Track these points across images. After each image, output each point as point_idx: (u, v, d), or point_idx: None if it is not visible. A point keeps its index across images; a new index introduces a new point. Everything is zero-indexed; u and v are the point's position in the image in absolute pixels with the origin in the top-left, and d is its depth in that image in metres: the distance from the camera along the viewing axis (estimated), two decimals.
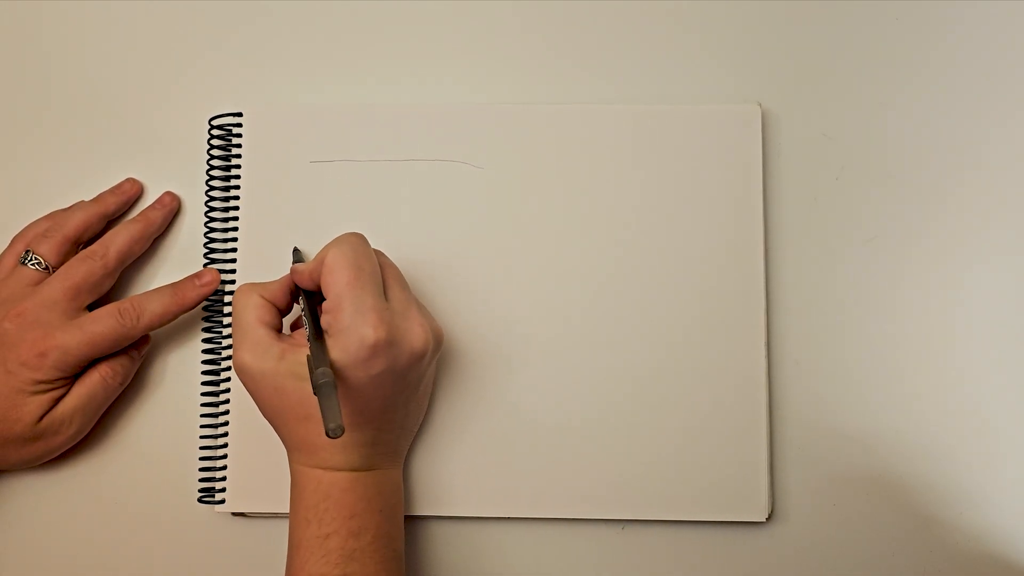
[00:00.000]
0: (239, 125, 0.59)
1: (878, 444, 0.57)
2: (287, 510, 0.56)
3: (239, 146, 0.59)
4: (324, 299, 0.50)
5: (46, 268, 0.56)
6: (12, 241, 0.58)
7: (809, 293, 0.58)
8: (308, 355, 0.48)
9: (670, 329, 0.57)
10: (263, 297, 0.51)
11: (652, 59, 0.60)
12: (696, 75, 0.60)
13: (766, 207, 0.58)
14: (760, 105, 0.58)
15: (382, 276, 0.51)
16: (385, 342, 0.48)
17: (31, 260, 0.56)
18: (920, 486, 0.57)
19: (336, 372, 0.47)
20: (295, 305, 0.53)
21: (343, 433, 0.44)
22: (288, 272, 0.53)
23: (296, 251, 0.57)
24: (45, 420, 0.53)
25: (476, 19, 0.61)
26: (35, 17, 0.62)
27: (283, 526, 0.57)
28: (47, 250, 0.56)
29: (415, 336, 0.49)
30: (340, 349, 0.48)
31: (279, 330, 0.51)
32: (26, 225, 0.58)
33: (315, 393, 0.46)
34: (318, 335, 0.49)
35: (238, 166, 0.59)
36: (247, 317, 0.50)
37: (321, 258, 0.50)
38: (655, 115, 0.58)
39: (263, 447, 0.56)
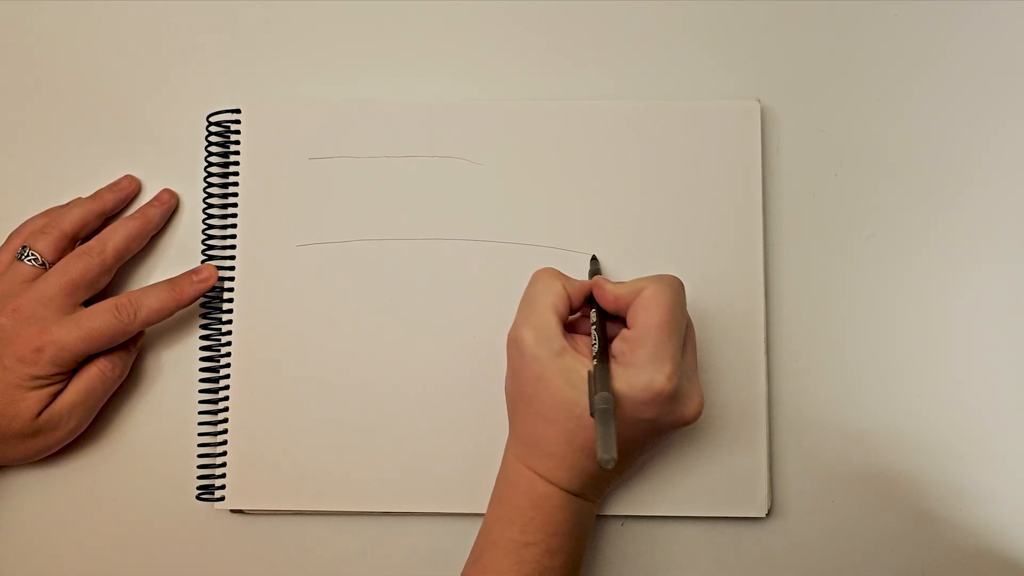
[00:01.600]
0: (237, 122, 0.59)
1: (877, 440, 0.57)
2: (286, 507, 0.56)
3: (237, 143, 0.59)
4: (615, 319, 0.50)
5: (43, 264, 0.56)
6: (9, 237, 0.57)
7: (808, 289, 0.58)
8: (590, 372, 0.47)
9: None
10: (565, 288, 0.50)
11: (651, 55, 0.60)
12: (695, 71, 0.60)
13: (765, 203, 0.58)
14: (759, 101, 0.58)
15: (685, 333, 0.50)
16: (668, 395, 0.47)
17: (28, 256, 0.56)
18: (919, 482, 0.57)
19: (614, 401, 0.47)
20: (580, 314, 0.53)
21: (614, 465, 0.43)
22: (590, 279, 0.52)
23: (594, 259, 0.56)
24: (44, 416, 0.53)
25: (475, 15, 0.61)
26: (32, 14, 0.62)
27: (283, 523, 0.57)
28: (44, 246, 0.56)
29: (692, 403, 0.49)
30: (625, 381, 0.47)
31: (565, 324, 0.50)
32: (23, 221, 0.58)
33: (592, 415, 0.45)
34: (604, 357, 0.48)
35: (236, 163, 0.59)
36: (543, 299, 0.50)
37: (638, 289, 0.49)
38: (654, 111, 0.58)
39: (263, 444, 0.56)
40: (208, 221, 0.59)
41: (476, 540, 0.51)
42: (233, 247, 0.58)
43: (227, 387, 0.57)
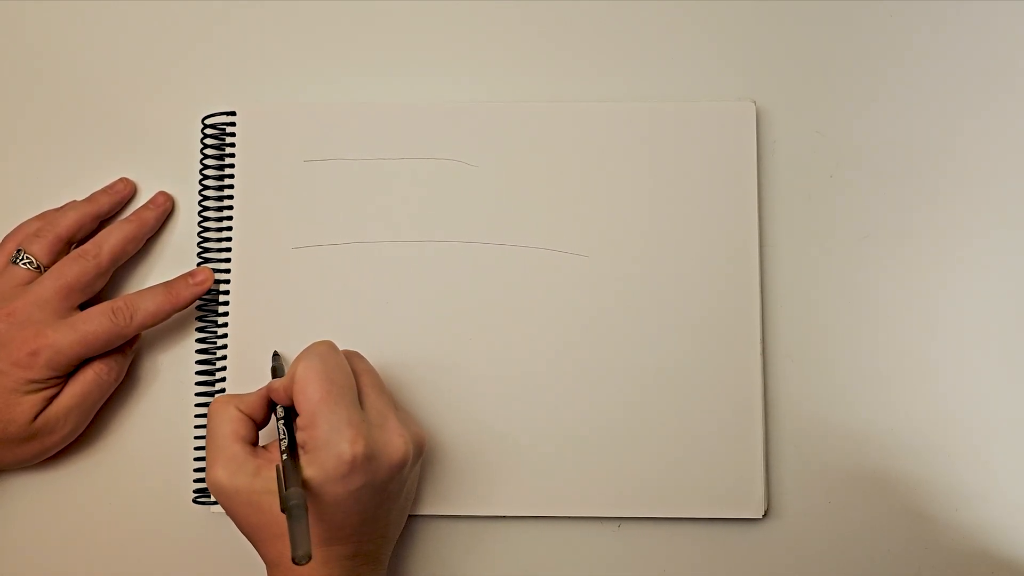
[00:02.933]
0: (232, 124, 0.59)
1: (873, 441, 0.57)
2: None
3: (232, 145, 0.59)
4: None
5: (38, 267, 0.55)
6: (3, 240, 0.57)
7: (803, 291, 0.58)
8: (277, 467, 0.47)
9: (665, 327, 0.57)
10: (240, 410, 0.50)
11: (646, 56, 0.60)
12: (690, 72, 0.60)
13: (760, 204, 0.58)
14: (754, 102, 0.58)
15: (357, 383, 0.50)
16: (363, 456, 0.46)
17: (22, 259, 0.55)
18: (915, 483, 0.57)
19: (312, 489, 0.46)
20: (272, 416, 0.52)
21: (309, 561, 0.43)
22: (266, 385, 0.51)
23: (276, 355, 0.56)
24: (40, 419, 0.53)
25: (470, 18, 0.61)
26: (26, 17, 0.62)
27: None
28: (39, 249, 0.56)
29: (394, 448, 0.48)
30: (317, 466, 0.46)
31: (255, 443, 0.50)
32: (18, 224, 0.58)
33: (283, 513, 0.44)
34: (293, 451, 0.48)
35: (231, 165, 0.58)
36: (222, 431, 0.49)
37: (291, 374, 0.49)
38: (649, 112, 0.58)
39: None
40: (204, 224, 0.58)
41: None
42: (229, 250, 0.58)
43: (223, 390, 0.57)
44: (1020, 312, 0.58)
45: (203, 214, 0.59)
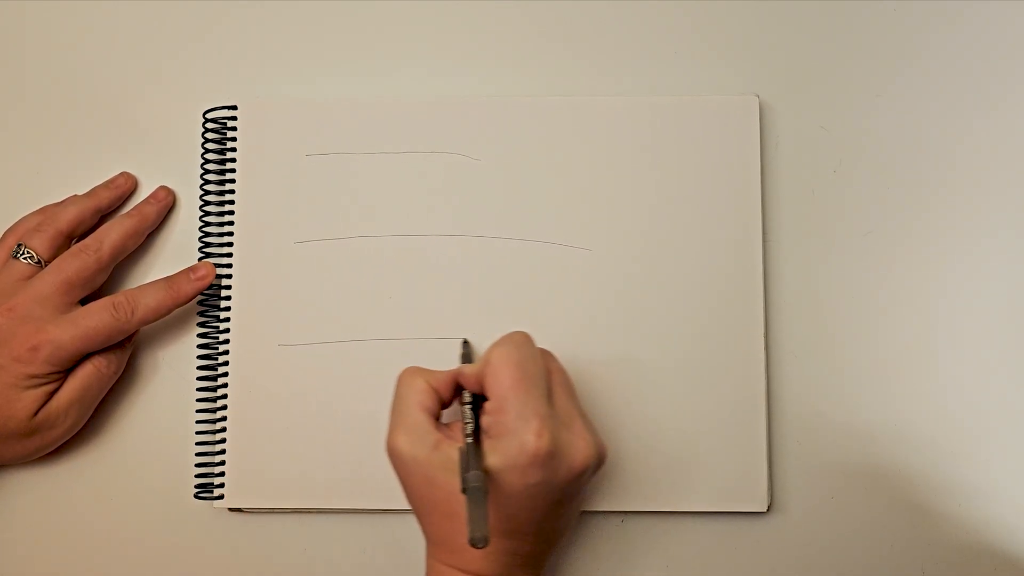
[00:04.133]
0: (234, 119, 0.59)
1: (876, 436, 0.57)
2: (285, 505, 0.56)
3: (234, 139, 0.58)
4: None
5: (38, 262, 0.55)
6: (4, 235, 0.57)
7: (807, 286, 0.58)
8: (461, 450, 0.46)
9: (668, 322, 0.57)
10: (428, 383, 0.49)
11: (649, 51, 0.60)
12: (694, 67, 0.60)
13: (764, 200, 0.58)
14: (758, 97, 0.58)
15: (548, 381, 0.49)
16: (547, 452, 0.45)
17: (23, 254, 0.55)
18: (918, 478, 0.57)
19: (490, 477, 0.45)
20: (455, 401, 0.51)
21: (486, 544, 0.42)
22: (456, 367, 0.51)
23: (465, 343, 0.56)
24: (40, 414, 0.53)
25: (472, 12, 0.61)
26: (27, 12, 0.61)
27: (282, 521, 0.57)
28: (39, 244, 0.55)
29: (577, 450, 0.47)
30: (499, 453, 0.46)
31: (439, 418, 0.49)
32: (18, 219, 0.58)
33: (464, 494, 0.44)
34: (476, 436, 0.47)
35: (233, 160, 0.58)
36: (409, 399, 0.49)
37: (486, 359, 0.48)
38: (652, 107, 0.58)
39: (261, 442, 0.56)
40: (205, 218, 0.58)
41: None
42: (230, 244, 0.58)
43: (225, 385, 0.57)
44: (1023, 308, 0.58)
45: (204, 209, 0.58)
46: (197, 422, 0.57)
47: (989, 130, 0.59)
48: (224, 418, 0.56)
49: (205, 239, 0.58)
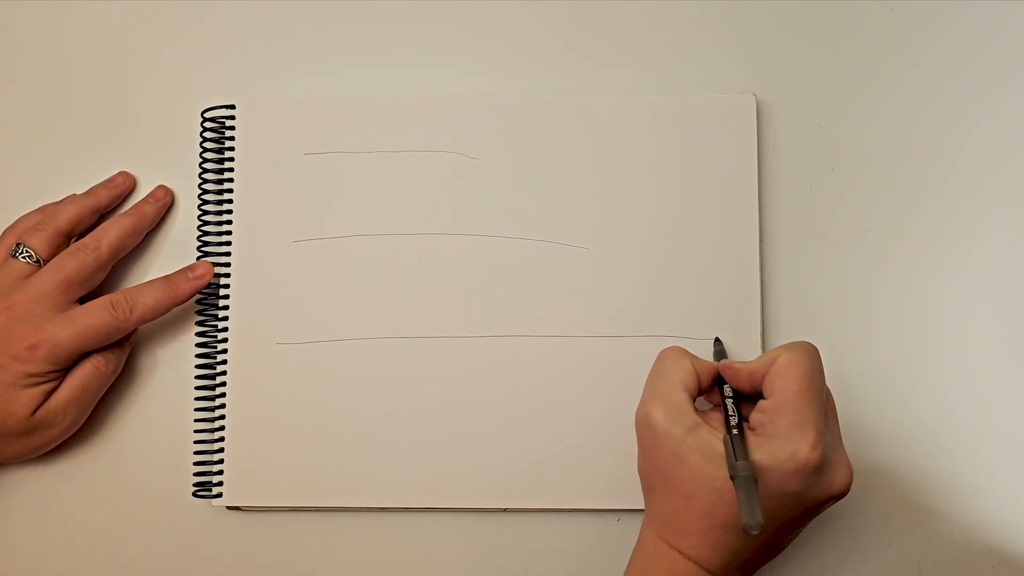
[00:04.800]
0: (232, 118, 0.59)
1: (874, 435, 0.57)
2: (283, 504, 0.56)
3: (232, 138, 0.59)
4: (751, 397, 0.49)
5: (37, 261, 0.55)
6: (3, 234, 0.57)
7: (804, 285, 0.58)
8: (727, 440, 0.46)
9: (666, 320, 0.57)
10: (694, 367, 0.50)
11: (647, 49, 0.60)
12: (691, 65, 0.60)
13: (761, 198, 0.58)
14: (755, 96, 0.58)
15: (826, 400, 0.49)
16: (815, 466, 0.45)
17: (22, 253, 0.55)
18: (915, 476, 0.57)
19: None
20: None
21: (760, 530, 0.43)
22: (722, 361, 0.51)
23: (718, 341, 0.56)
24: (39, 413, 0.53)
25: (470, 10, 0.61)
26: (25, 11, 0.61)
27: (280, 520, 0.57)
28: (38, 243, 0.56)
29: (840, 474, 0.47)
30: (766, 452, 0.46)
31: (694, 402, 0.49)
32: (17, 218, 0.58)
33: (733, 481, 0.44)
34: (740, 429, 0.47)
35: (231, 159, 0.58)
36: (673, 376, 0.49)
37: (771, 359, 0.48)
38: (650, 105, 0.58)
39: (259, 441, 0.56)
40: (203, 217, 0.58)
41: None
42: (229, 243, 0.58)
43: (223, 383, 0.57)
44: (1021, 307, 0.58)
45: (203, 208, 0.58)
46: (196, 420, 0.57)
47: (987, 129, 0.59)
48: (223, 417, 0.56)
49: (203, 238, 0.58)
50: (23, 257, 0.55)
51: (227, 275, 0.57)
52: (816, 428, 0.46)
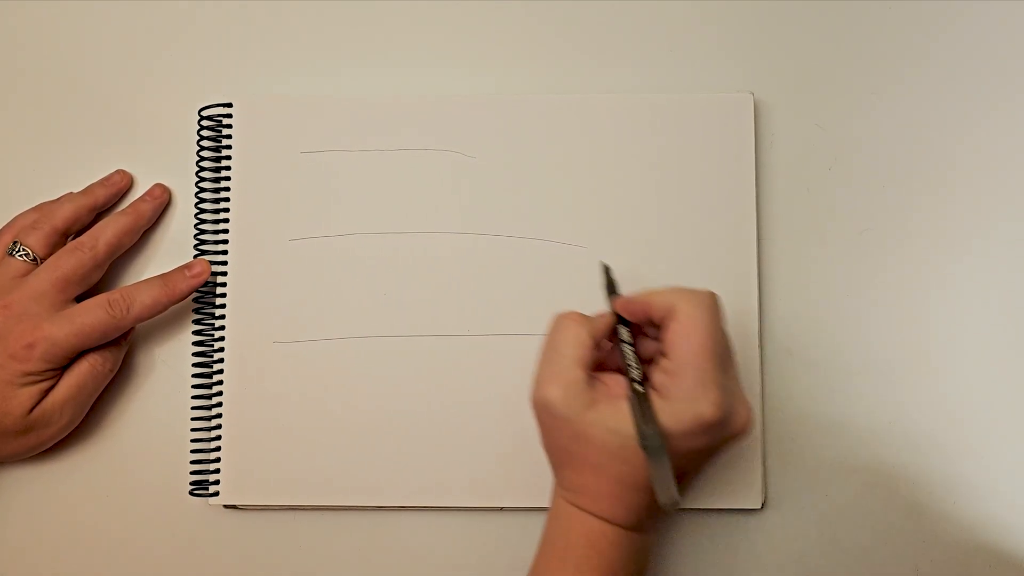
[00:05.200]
0: (229, 116, 0.59)
1: (870, 434, 0.57)
2: (280, 502, 0.56)
3: (229, 137, 0.58)
4: (646, 333, 0.49)
5: (34, 259, 0.55)
6: (0, 232, 0.57)
7: (801, 284, 0.58)
8: (633, 403, 0.46)
9: None
10: (591, 336, 0.48)
11: (644, 48, 0.60)
12: (689, 64, 0.60)
13: (758, 197, 0.58)
14: (753, 95, 0.58)
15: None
16: (719, 422, 0.45)
17: (19, 251, 0.55)
18: (912, 476, 0.57)
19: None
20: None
21: (679, 507, 0.43)
22: (615, 304, 0.50)
23: (607, 269, 0.52)
24: (36, 412, 0.53)
25: (467, 10, 0.61)
26: (22, 10, 0.61)
27: (277, 519, 0.57)
28: (35, 241, 0.56)
29: (740, 418, 0.47)
30: (670, 416, 0.45)
31: (593, 368, 0.48)
32: (14, 216, 0.58)
33: (644, 451, 0.44)
34: (642, 384, 0.47)
35: (228, 157, 0.58)
36: (569, 352, 0.47)
37: (669, 305, 0.47)
38: (647, 104, 0.58)
39: (256, 439, 0.56)
40: (200, 216, 0.58)
41: None
42: (226, 242, 0.58)
43: (220, 382, 0.57)
44: (1018, 306, 0.58)
45: (200, 206, 0.58)
46: (192, 419, 0.57)
47: (984, 128, 0.59)
48: (219, 415, 0.56)
49: (200, 236, 0.58)
50: (20, 255, 0.55)
51: (224, 273, 0.57)
52: (717, 385, 0.46)
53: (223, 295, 0.57)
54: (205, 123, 0.59)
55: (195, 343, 0.58)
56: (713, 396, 0.45)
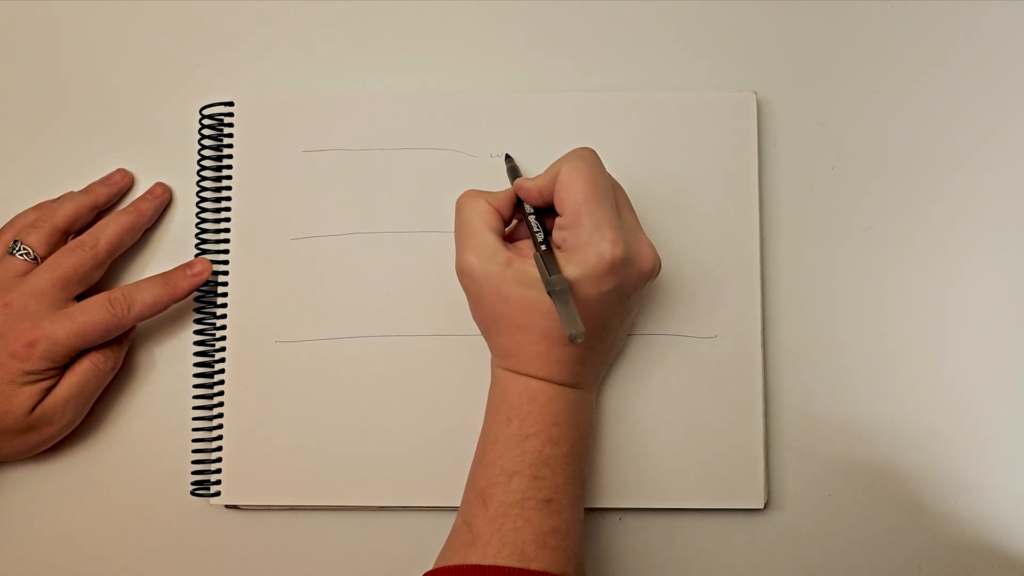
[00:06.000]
0: (230, 115, 0.59)
1: (873, 433, 0.57)
2: (282, 503, 0.56)
3: (230, 136, 0.58)
4: (549, 213, 0.51)
5: (35, 258, 0.55)
6: (0, 231, 0.57)
7: (804, 283, 0.58)
8: (538, 259, 0.48)
9: (666, 318, 0.56)
10: (490, 204, 0.51)
11: (647, 47, 0.60)
12: (692, 63, 0.60)
13: (761, 196, 0.58)
14: (756, 93, 0.58)
15: (614, 194, 0.51)
16: (621, 259, 0.48)
17: (19, 250, 0.55)
18: (914, 475, 0.57)
19: (568, 286, 0.47)
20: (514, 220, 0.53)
21: (584, 338, 0.45)
22: (511, 186, 0.53)
23: (508, 157, 0.56)
24: (37, 411, 0.53)
25: (469, 9, 0.61)
26: (25, 9, 0.61)
27: (278, 519, 0.57)
28: (36, 240, 0.55)
29: (645, 257, 0.49)
30: (575, 264, 0.48)
31: (503, 237, 0.51)
32: (14, 215, 0.57)
33: (551, 297, 0.46)
34: (547, 243, 0.49)
35: (230, 156, 0.58)
36: (474, 220, 0.50)
37: (553, 173, 0.50)
38: (650, 103, 0.58)
39: (258, 439, 0.56)
40: (201, 215, 0.58)
41: (477, 447, 0.51)
42: (227, 240, 0.58)
43: (222, 382, 0.57)
44: (1020, 304, 0.58)
45: (201, 205, 0.58)
46: (194, 419, 0.57)
47: (987, 126, 0.59)
48: (221, 415, 0.56)
49: (202, 235, 0.58)
50: (20, 254, 0.55)
51: (225, 272, 0.57)
52: (612, 225, 0.48)
53: (224, 294, 0.57)
54: (206, 122, 0.59)
55: (196, 342, 0.57)
56: (611, 236, 0.47)
